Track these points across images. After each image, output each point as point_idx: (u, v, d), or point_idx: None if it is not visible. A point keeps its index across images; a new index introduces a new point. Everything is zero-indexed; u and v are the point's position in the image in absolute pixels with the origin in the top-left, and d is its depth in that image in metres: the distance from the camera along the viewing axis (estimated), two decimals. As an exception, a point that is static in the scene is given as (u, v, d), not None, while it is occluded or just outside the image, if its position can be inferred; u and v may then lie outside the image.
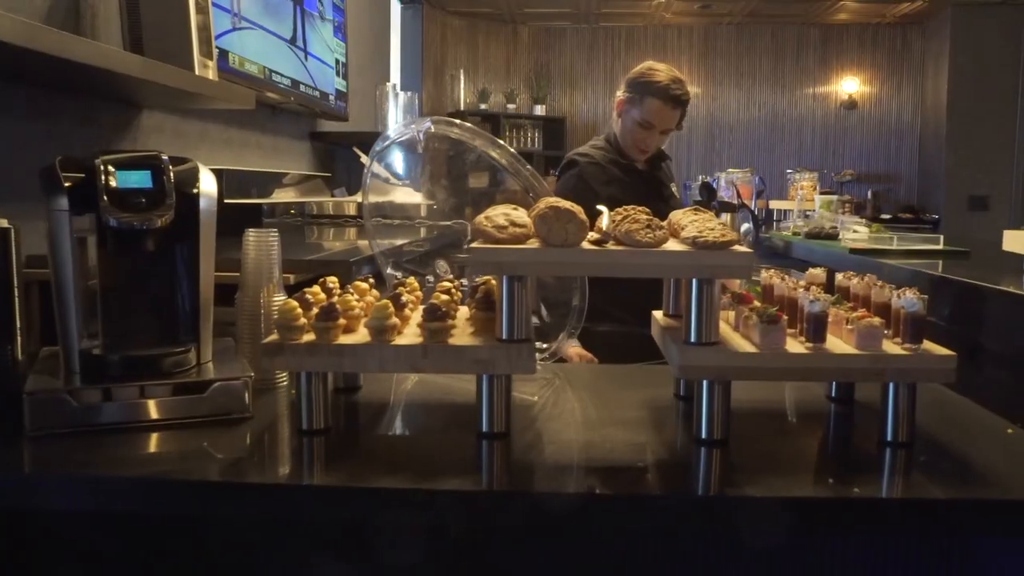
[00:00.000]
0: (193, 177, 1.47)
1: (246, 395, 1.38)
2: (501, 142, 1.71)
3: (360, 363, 1.28)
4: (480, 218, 1.29)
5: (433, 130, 1.74)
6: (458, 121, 1.73)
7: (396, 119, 5.46)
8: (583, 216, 1.22)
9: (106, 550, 1.24)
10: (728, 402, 1.26)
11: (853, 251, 2.32)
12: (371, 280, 1.57)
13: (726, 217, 3.34)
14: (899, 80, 9.36)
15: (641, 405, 1.50)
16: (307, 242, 3.36)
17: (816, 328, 1.25)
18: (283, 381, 1.56)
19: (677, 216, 1.39)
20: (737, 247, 1.23)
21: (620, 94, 2.88)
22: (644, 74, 2.80)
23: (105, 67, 1.70)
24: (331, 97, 3.93)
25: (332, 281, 1.53)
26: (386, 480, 1.12)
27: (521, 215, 1.32)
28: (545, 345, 1.78)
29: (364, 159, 4.39)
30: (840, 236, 2.51)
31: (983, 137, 8.42)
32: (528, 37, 9.35)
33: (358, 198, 4.09)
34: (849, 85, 9.35)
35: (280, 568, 1.22)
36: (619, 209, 1.32)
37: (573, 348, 2.57)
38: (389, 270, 1.92)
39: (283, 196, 3.49)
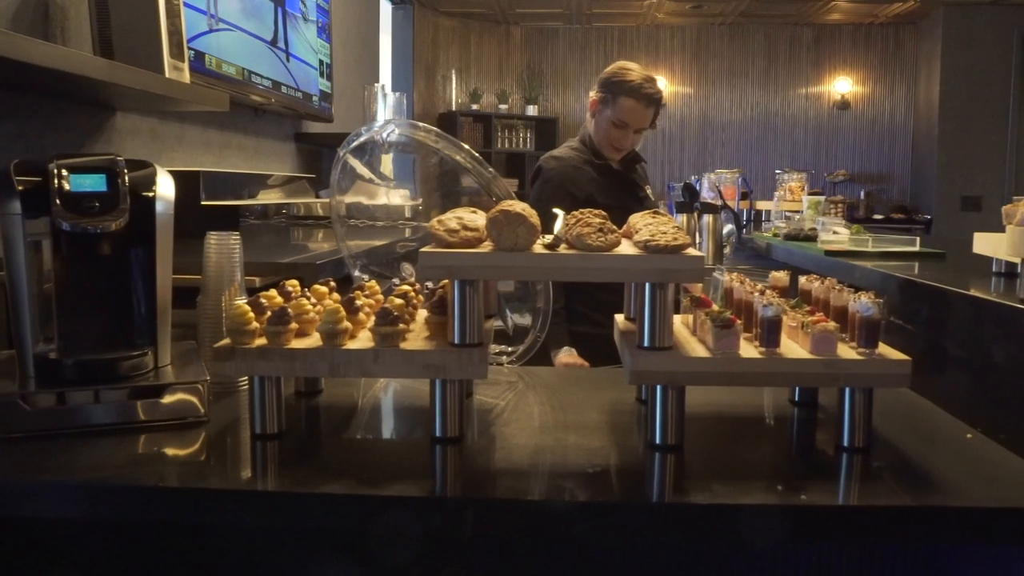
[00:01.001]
0: (149, 180, 1.46)
1: (202, 399, 1.37)
2: (465, 145, 1.70)
3: (311, 367, 1.27)
4: (433, 222, 1.29)
5: (397, 133, 1.73)
6: (422, 124, 1.72)
7: (383, 119, 5.46)
8: (534, 220, 1.22)
9: (59, 555, 1.24)
10: (682, 407, 1.25)
11: (828, 253, 2.31)
12: (332, 284, 1.56)
13: (708, 218, 3.33)
14: (892, 80, 9.36)
15: (603, 409, 1.49)
16: (291, 243, 3.35)
17: (769, 332, 1.24)
18: (244, 385, 1.55)
19: (634, 219, 1.39)
20: (690, 251, 1.22)
21: (593, 94, 2.89)
22: (616, 74, 2.81)
23: (67, 70, 1.69)
24: (315, 98, 3.92)
25: (292, 285, 1.52)
26: (330, 485, 1.12)
27: (477, 219, 1.31)
28: (511, 349, 1.77)
29: (351, 159, 4.39)
30: (818, 238, 2.50)
31: (975, 137, 8.42)
32: (521, 37, 9.34)
33: (344, 199, 4.09)
34: (842, 85, 9.35)
35: (226, 574, 1.22)
36: (574, 212, 1.31)
37: (564, 357, 2.55)
38: (356, 272, 1.91)
39: (268, 198, 3.48)
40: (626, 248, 1.25)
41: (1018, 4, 8.23)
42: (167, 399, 1.35)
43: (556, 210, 1.37)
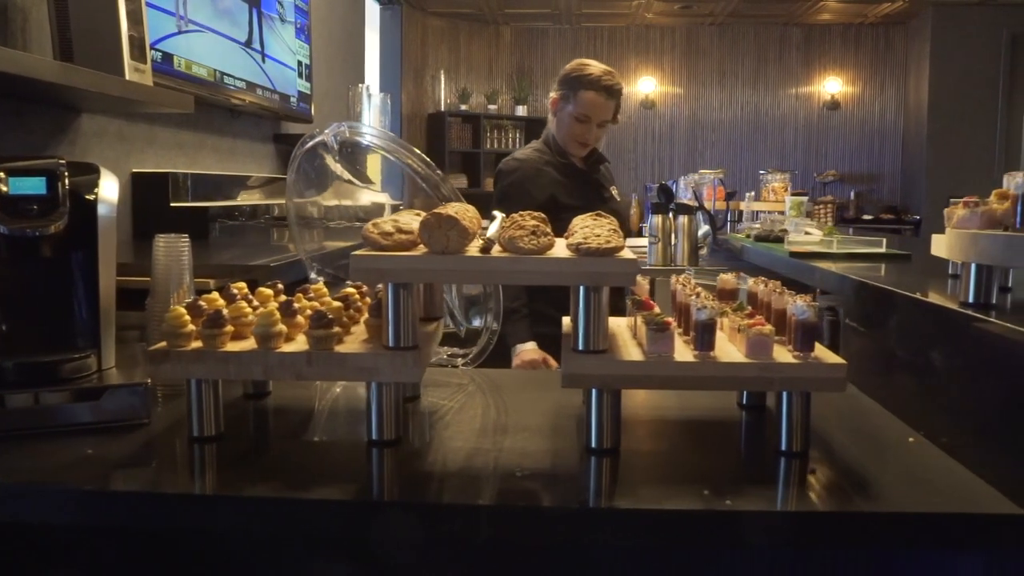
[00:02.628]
0: (92, 184, 1.45)
1: (145, 401, 1.37)
2: (416, 150, 1.70)
3: (245, 370, 1.27)
4: (368, 225, 1.28)
5: (348, 134, 1.73)
6: (369, 126, 1.72)
7: (370, 120, 5.45)
8: (467, 223, 1.21)
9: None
10: (618, 410, 1.25)
11: (793, 254, 2.31)
12: (280, 286, 1.56)
13: (683, 219, 3.32)
14: (882, 80, 9.36)
15: (548, 412, 1.48)
16: (270, 244, 3.35)
17: (703, 336, 1.23)
18: (193, 387, 1.55)
19: (576, 221, 1.38)
20: (623, 254, 1.22)
21: (553, 94, 2.90)
22: (575, 69, 2.82)
23: (17, 73, 1.68)
24: (293, 99, 3.92)
25: (238, 287, 1.52)
26: (255, 489, 1.11)
27: (414, 222, 1.31)
28: (463, 351, 1.76)
29: (329, 160, 4.39)
30: (785, 239, 2.50)
31: (964, 137, 8.43)
32: (511, 37, 9.34)
33: (323, 199, 4.09)
34: (832, 85, 9.35)
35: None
36: (512, 215, 1.31)
37: (527, 352, 2.55)
38: (313, 275, 1.91)
39: (248, 199, 3.47)
40: (560, 251, 1.25)
41: (1007, 4, 8.24)
42: (108, 401, 1.35)
43: (495, 212, 1.37)
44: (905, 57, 9.26)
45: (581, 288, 1.22)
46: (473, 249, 1.26)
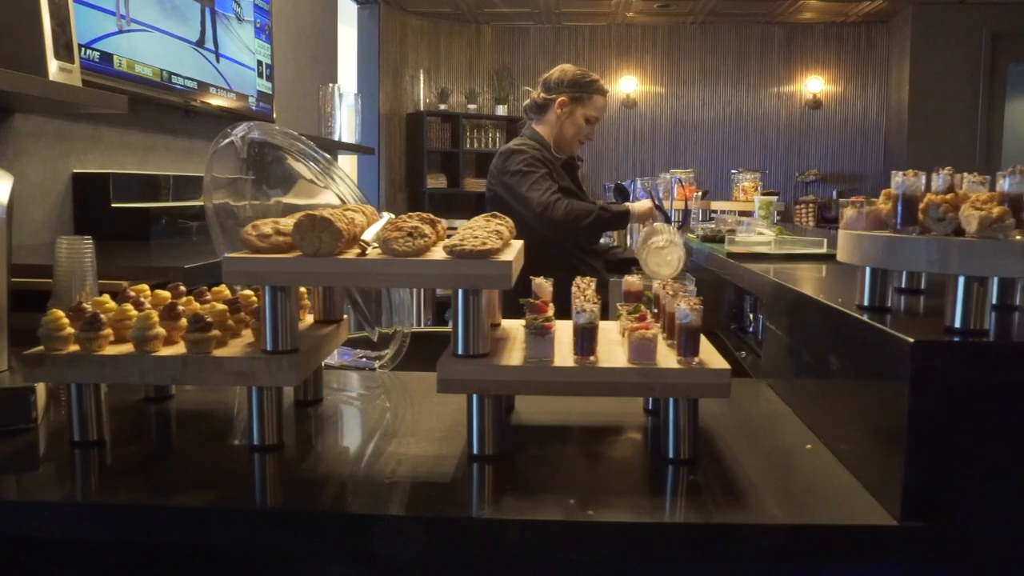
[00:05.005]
0: (-21, 185, 1.43)
1: (32, 405, 1.35)
2: (323, 153, 1.68)
3: (121, 374, 1.25)
4: (248, 227, 1.26)
5: (257, 133, 1.71)
6: (279, 127, 1.70)
7: (340, 121, 5.43)
8: (341, 225, 1.19)
9: None
10: (499, 416, 1.23)
11: (730, 255, 2.29)
12: (182, 288, 1.54)
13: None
14: (864, 79, 9.35)
15: (449, 416, 1.46)
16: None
17: (583, 340, 1.22)
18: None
19: (469, 222, 1.37)
20: (500, 256, 1.20)
21: (558, 96, 3.15)
22: (584, 75, 3.18)
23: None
24: (251, 99, 3.89)
25: (137, 290, 1.50)
26: (121, 495, 1.10)
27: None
28: (375, 354, 1.75)
29: (291, 161, 4.36)
30: (726, 239, 2.48)
31: (945, 136, 8.42)
32: (491, 37, 9.32)
33: (290, 199, 4.07)
34: (813, 84, 9.34)
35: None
36: (397, 218, 1.29)
37: (638, 206, 3.07)
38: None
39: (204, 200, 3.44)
40: (437, 253, 1.23)
41: (986, 3, 8.23)
42: (-8, 406, 1.33)
43: (384, 213, 1.35)
44: (887, 56, 9.24)
45: (460, 291, 1.20)
46: (353, 251, 1.24)
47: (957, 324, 1.11)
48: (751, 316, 2.39)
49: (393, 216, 1.34)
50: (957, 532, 1.07)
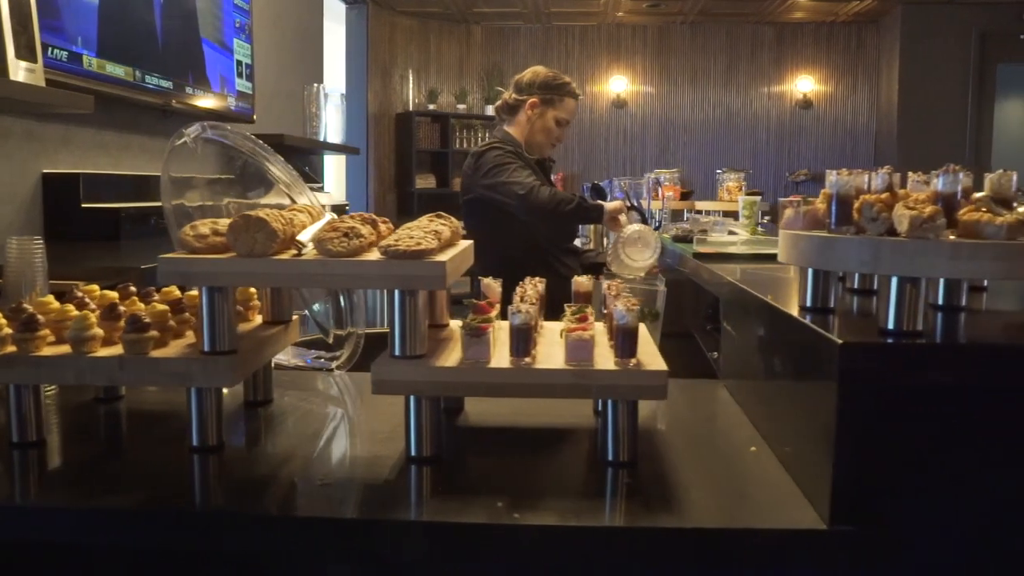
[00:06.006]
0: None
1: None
2: (277, 155, 1.68)
3: (58, 375, 1.24)
4: (186, 227, 1.26)
5: (210, 133, 1.71)
6: (230, 127, 1.70)
7: (325, 121, 5.43)
8: (275, 225, 1.19)
9: None
10: (437, 417, 1.23)
11: (696, 255, 2.29)
12: (132, 288, 1.53)
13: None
14: (854, 79, 9.34)
15: (399, 416, 1.45)
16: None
17: (518, 341, 1.21)
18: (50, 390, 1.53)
19: (413, 222, 1.36)
20: (436, 257, 1.19)
21: (529, 97, 3.18)
22: (554, 77, 3.21)
23: None
24: (231, 99, 3.89)
25: (86, 291, 1.50)
26: (55, 497, 1.09)
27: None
28: (330, 355, 1.74)
29: (268, 165, 4.35)
30: (695, 239, 2.48)
31: (935, 136, 8.41)
32: (482, 37, 9.31)
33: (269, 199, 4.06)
34: (804, 84, 9.33)
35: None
36: (338, 219, 1.29)
37: (609, 206, 3.01)
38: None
39: (188, 200, 3.44)
40: (375, 253, 1.23)
41: (975, 3, 8.23)
42: (-68, 408, 1.33)
43: (328, 213, 1.35)
44: (877, 56, 9.24)
45: (396, 292, 1.19)
46: (290, 252, 1.24)
47: (891, 326, 1.11)
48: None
49: (335, 216, 1.34)
50: (888, 536, 1.07)
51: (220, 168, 2.04)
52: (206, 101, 3.64)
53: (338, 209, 4.56)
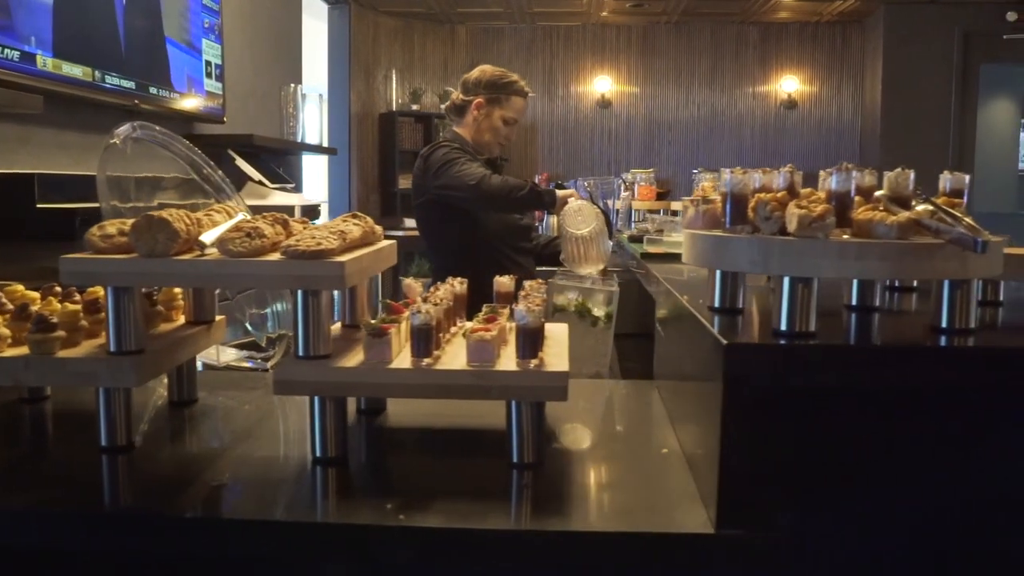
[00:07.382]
0: None
1: None
2: (202, 154, 1.69)
3: (-40, 375, 1.25)
4: (94, 228, 1.27)
5: (137, 135, 1.71)
6: (159, 128, 1.70)
7: (303, 121, 5.43)
8: (177, 226, 1.20)
9: None
10: (343, 418, 1.24)
11: (644, 255, 2.30)
12: (57, 289, 1.54)
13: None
14: (839, 79, 9.36)
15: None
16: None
17: (419, 342, 1.22)
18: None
19: (329, 222, 1.37)
20: (333, 258, 1.20)
21: (475, 97, 3.16)
22: (501, 76, 3.20)
23: None
24: (199, 99, 3.89)
25: (7, 292, 1.50)
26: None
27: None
28: (262, 355, 1.75)
29: (240, 162, 4.36)
30: (645, 239, 2.49)
31: (918, 137, 8.42)
32: (466, 37, 9.32)
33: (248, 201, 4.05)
34: (789, 84, 9.34)
35: None
36: (244, 221, 1.30)
37: (562, 193, 2.88)
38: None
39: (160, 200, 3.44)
40: (278, 254, 1.23)
41: (958, 2, 8.25)
42: None
43: (240, 213, 1.36)
44: (861, 56, 9.26)
45: (299, 292, 1.20)
46: (193, 252, 1.24)
47: (783, 327, 1.12)
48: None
49: (249, 216, 1.34)
50: (774, 540, 1.06)
51: (168, 169, 2.05)
52: (172, 102, 3.64)
53: (309, 209, 4.57)
